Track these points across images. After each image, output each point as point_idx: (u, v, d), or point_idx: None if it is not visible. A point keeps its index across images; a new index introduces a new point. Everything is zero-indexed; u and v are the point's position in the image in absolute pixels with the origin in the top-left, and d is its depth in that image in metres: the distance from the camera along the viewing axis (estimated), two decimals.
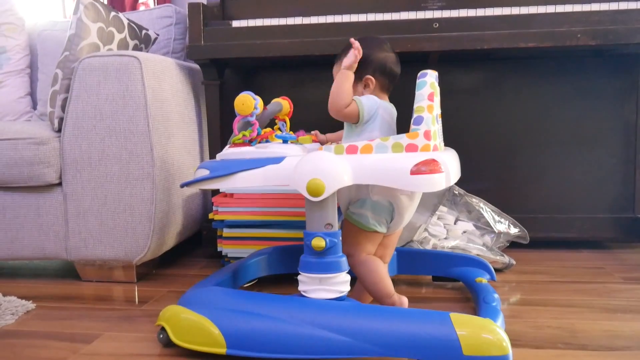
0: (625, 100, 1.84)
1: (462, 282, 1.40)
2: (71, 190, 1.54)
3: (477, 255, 1.61)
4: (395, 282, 1.23)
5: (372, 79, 1.19)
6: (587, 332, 1.13)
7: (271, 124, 1.31)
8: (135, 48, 1.79)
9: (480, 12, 1.62)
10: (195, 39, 1.70)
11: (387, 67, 1.20)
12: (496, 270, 1.61)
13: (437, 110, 1.09)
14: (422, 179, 0.95)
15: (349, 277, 1.08)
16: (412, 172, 0.95)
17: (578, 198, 1.88)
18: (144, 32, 1.83)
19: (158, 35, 1.92)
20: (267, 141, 1.16)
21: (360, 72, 1.17)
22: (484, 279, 1.31)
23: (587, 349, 1.05)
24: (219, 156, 1.12)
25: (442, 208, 1.73)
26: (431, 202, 1.69)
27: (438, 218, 1.72)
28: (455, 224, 1.73)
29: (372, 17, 1.65)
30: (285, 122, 1.30)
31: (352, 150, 1.03)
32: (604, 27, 1.54)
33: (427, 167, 0.95)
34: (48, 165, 1.54)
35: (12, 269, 1.83)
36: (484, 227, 1.73)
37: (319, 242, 1.02)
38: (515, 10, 1.60)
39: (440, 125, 1.14)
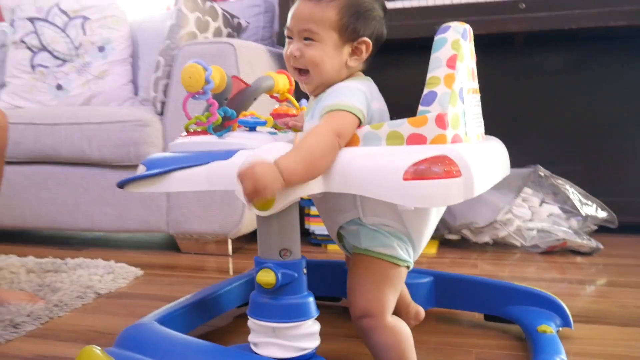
0: None
1: (520, 327, 1.05)
2: None
3: (563, 238, 1.60)
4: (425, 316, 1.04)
5: (370, 43, 0.83)
6: None
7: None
8: (229, 36, 1.88)
9: None
10: None
11: (384, 31, 0.85)
12: (583, 254, 1.62)
13: (469, 82, 0.77)
14: (421, 188, 0.63)
15: (317, 328, 0.81)
16: (408, 176, 0.64)
17: None
18: (235, 20, 1.90)
19: (249, 23, 1.99)
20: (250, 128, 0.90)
21: (348, 29, 0.80)
22: (549, 328, 0.97)
23: None
24: (170, 146, 0.90)
25: (527, 190, 1.70)
26: (515, 184, 1.68)
27: (523, 200, 1.69)
28: (540, 206, 1.70)
29: None
30: (290, 102, 1.03)
31: None
32: None
33: (435, 167, 0.64)
34: (152, 145, 1.67)
35: (120, 240, 2.05)
36: (570, 209, 1.69)
37: (266, 277, 0.75)
38: None
39: (478, 105, 0.83)
